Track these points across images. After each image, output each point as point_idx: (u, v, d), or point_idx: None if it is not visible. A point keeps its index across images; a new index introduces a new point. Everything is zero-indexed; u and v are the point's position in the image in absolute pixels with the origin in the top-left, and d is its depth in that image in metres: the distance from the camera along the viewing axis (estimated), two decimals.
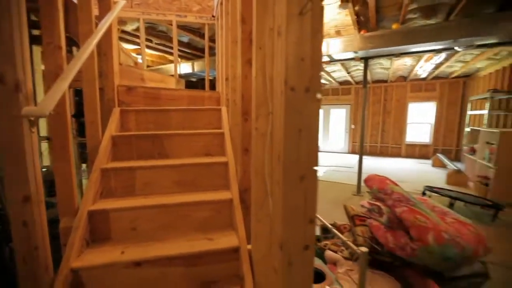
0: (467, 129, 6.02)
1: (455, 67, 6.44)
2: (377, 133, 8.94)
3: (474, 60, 5.50)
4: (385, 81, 8.54)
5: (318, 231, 2.43)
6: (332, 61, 4.20)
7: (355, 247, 1.00)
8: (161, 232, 1.37)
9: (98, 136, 1.68)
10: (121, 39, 4.36)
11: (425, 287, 1.29)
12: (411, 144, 8.56)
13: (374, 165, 7.18)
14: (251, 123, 1.45)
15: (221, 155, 1.83)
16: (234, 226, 1.40)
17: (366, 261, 0.95)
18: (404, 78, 8.07)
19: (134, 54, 5.07)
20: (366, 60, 4.09)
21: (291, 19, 0.72)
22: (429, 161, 7.57)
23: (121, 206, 1.36)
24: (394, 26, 3.36)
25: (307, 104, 0.76)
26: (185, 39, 4.54)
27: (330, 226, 1.48)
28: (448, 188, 4.42)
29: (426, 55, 5.04)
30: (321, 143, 9.97)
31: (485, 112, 5.19)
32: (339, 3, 2.84)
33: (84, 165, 2.81)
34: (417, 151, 8.47)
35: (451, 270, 1.36)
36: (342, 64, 6.08)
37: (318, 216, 1.59)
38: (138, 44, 4.72)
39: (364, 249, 0.95)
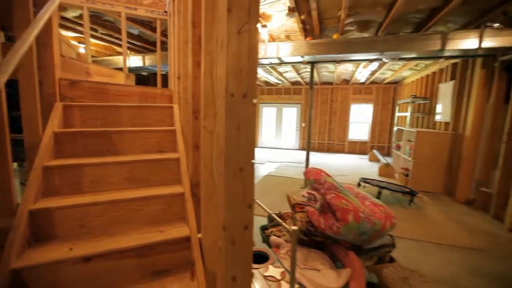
0: (395, 129, 6.99)
1: (387, 74, 7.41)
2: (324, 131, 9.73)
3: (401, 69, 6.41)
4: (331, 84, 9.32)
5: (266, 221, 2.66)
6: (282, 63, 4.49)
7: (288, 226, 1.20)
8: (113, 227, 1.40)
9: (38, 133, 1.60)
10: (61, 26, 3.98)
11: (347, 258, 1.58)
12: (353, 141, 9.54)
13: (321, 160, 7.84)
14: (201, 121, 1.56)
15: (173, 151, 1.90)
16: (186, 218, 1.50)
17: (296, 237, 1.15)
18: (347, 82, 8.92)
19: (75, 43, 4.66)
20: (312, 64, 4.48)
21: (231, 36, 0.87)
22: (367, 156, 8.56)
23: (67, 204, 1.35)
24: (335, 36, 3.77)
25: (244, 107, 0.92)
26: (135, 31, 4.35)
27: (273, 215, 1.68)
28: (379, 179, 5.12)
29: (363, 63, 5.71)
30: (274, 141, 10.42)
31: (407, 114, 6.12)
32: (287, 11, 3.09)
33: (15, 164, 2.55)
34: (358, 148, 9.48)
35: (367, 243, 1.69)
36: (293, 66, 6.50)
37: (264, 207, 1.78)
38: (79, 32, 4.36)
39: (294, 227, 1.15)
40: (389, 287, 1.45)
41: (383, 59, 3.96)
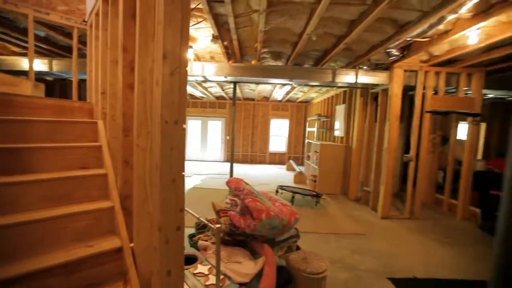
0: (306, 141, 8.18)
1: (299, 94, 8.65)
2: (247, 143, 10.41)
3: (309, 92, 7.64)
4: (253, 100, 10.16)
5: (193, 231, 2.83)
6: (207, 80, 4.79)
7: (212, 226, 1.46)
8: (36, 248, 1.36)
9: None
10: None
11: (263, 250, 1.95)
12: (273, 153, 10.53)
13: (245, 171, 8.38)
14: (132, 138, 1.68)
15: (98, 167, 1.91)
16: (117, 230, 1.58)
17: (219, 234, 1.43)
18: (267, 99, 9.91)
19: None
20: (235, 83, 4.94)
21: (165, 77, 1.11)
22: (285, 166, 9.59)
23: None
24: (253, 62, 4.34)
25: (176, 131, 1.16)
26: (41, 33, 3.90)
27: (202, 218, 1.91)
28: (294, 186, 5.91)
29: (278, 85, 6.59)
30: (200, 153, 10.48)
31: (315, 129, 7.31)
32: (212, 38, 3.43)
33: None
34: (277, 158, 10.51)
35: (278, 235, 2.11)
36: (217, 83, 6.88)
37: (192, 213, 1.99)
38: None
39: (217, 225, 1.42)
40: (293, 266, 1.88)
41: (293, 84, 4.75)
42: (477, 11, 2.54)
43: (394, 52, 3.60)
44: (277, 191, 4.97)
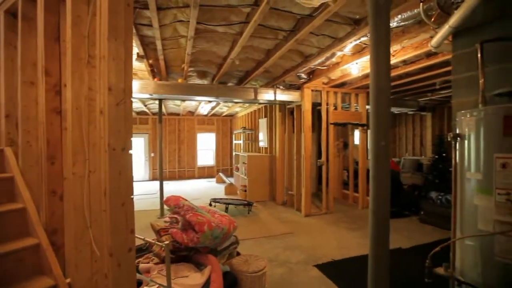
0: (234, 154, 8.54)
1: (224, 109, 9.01)
2: (174, 159, 10.06)
3: (233, 106, 8.08)
4: (178, 114, 9.96)
5: None
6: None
7: (160, 243, 1.51)
8: None
9: None
10: None
11: (207, 260, 2.07)
12: (202, 166, 10.49)
13: (174, 188, 8.07)
14: (60, 166, 1.58)
15: (11, 201, 1.67)
16: (46, 269, 1.44)
17: (169, 250, 1.50)
18: (192, 113, 9.89)
19: None
20: (160, 101, 4.87)
21: (111, 107, 1.18)
22: (214, 179, 9.69)
23: None
24: (180, 80, 4.42)
25: (123, 157, 1.23)
26: None
27: (149, 239, 1.90)
28: (225, 197, 6.10)
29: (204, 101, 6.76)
30: None
31: (241, 141, 7.76)
32: (137, 56, 3.38)
33: None
34: (206, 172, 10.51)
35: (219, 245, 2.27)
36: (140, 99, 6.54)
37: (137, 236, 1.95)
38: None
39: (167, 242, 1.49)
40: (237, 269, 2.07)
41: (219, 101, 5.03)
42: (355, 51, 3.39)
43: (303, 75, 4.34)
44: (210, 204, 5.06)
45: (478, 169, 1.38)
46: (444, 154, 5.10)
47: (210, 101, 5.15)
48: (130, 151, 1.26)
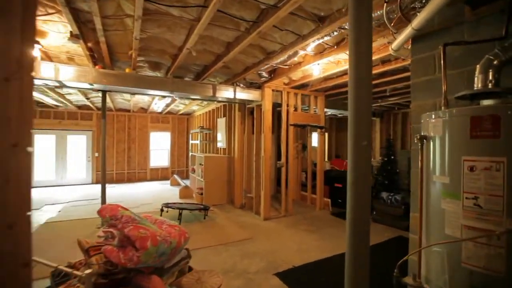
0: (191, 154, 8.05)
1: (180, 107, 8.46)
2: (123, 160, 9.12)
3: (190, 104, 7.61)
4: (129, 111, 9.06)
5: (48, 282, 2.14)
6: (64, 86, 3.87)
7: (79, 273, 1.15)
8: None
9: None
10: None
11: (151, 282, 1.72)
12: (155, 168, 9.71)
13: (122, 191, 7.26)
14: None
15: None
16: None
17: (90, 282, 1.14)
18: (145, 110, 9.08)
19: None
20: (104, 92, 4.24)
21: None
22: (169, 182, 9.04)
23: None
24: (128, 70, 3.88)
25: (14, 157, 0.85)
26: None
27: (60, 267, 1.48)
28: (180, 201, 5.64)
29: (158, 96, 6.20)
30: (55, 177, 8.24)
31: (198, 141, 7.33)
32: (69, 36, 2.81)
33: None
34: (160, 174, 9.76)
35: (167, 262, 1.93)
36: (80, 90, 5.69)
37: (46, 262, 1.50)
38: None
39: (88, 271, 1.14)
40: None
41: (174, 97, 4.60)
42: (317, 51, 3.34)
43: (264, 74, 4.18)
44: (162, 210, 4.58)
45: (444, 172, 1.34)
46: (392, 157, 5.44)
47: (164, 96, 4.68)
48: (30, 149, 0.88)
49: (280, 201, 5.15)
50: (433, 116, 1.43)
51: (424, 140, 1.44)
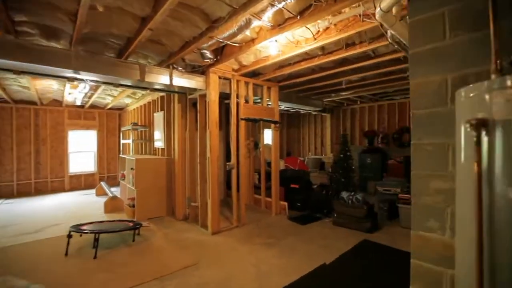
0: (120, 156, 6.65)
1: (108, 99, 6.93)
2: (29, 166, 7.11)
3: (120, 96, 6.22)
4: (35, 103, 7.09)
5: None
6: None
7: None
8: None
9: None
10: None
11: None
12: (76, 174, 7.89)
13: (24, 208, 5.48)
14: None
15: None
16: None
17: None
18: (59, 102, 7.23)
19: None
20: None
21: None
22: (94, 191, 7.40)
23: None
24: None
25: None
26: None
27: None
28: (102, 219, 4.39)
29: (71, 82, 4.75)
30: None
31: (130, 141, 6.03)
32: None
33: None
34: (83, 182, 7.98)
35: None
36: None
37: None
38: None
39: None
40: None
41: (84, 80, 3.39)
42: (275, 23, 2.66)
43: (208, 54, 3.33)
44: (70, 236, 3.34)
45: None
46: (348, 153, 5.18)
47: (66, 78, 3.41)
48: None
49: (231, 207, 4.37)
50: (492, 88, 0.84)
51: (483, 129, 0.84)
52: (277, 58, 3.43)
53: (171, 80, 3.57)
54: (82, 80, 3.50)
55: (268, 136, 6.46)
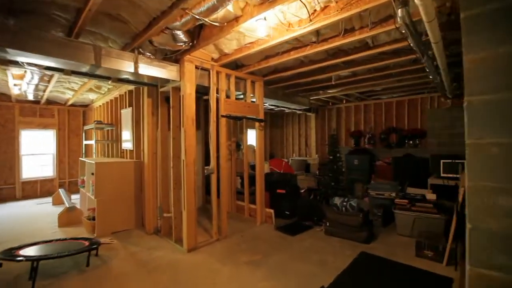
0: (80, 160, 5.80)
1: (68, 94, 6.04)
2: None
3: (81, 89, 5.40)
4: None
5: None
6: None
7: None
8: None
9: None
10: None
11: None
12: (30, 180, 6.86)
13: None
14: None
15: None
16: None
17: None
18: (7, 96, 6.22)
19: None
20: None
21: None
22: (51, 199, 6.45)
23: None
24: None
25: None
26: None
27: None
28: (51, 238, 3.64)
29: (13, 70, 3.93)
30: None
31: (93, 142, 5.24)
32: None
33: None
34: (39, 189, 6.97)
35: None
36: None
37: None
38: None
39: None
40: None
41: (21, 63, 2.67)
42: None
43: (182, 36, 2.75)
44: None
45: None
46: (338, 155, 4.80)
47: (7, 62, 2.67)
48: None
49: (211, 215, 3.79)
50: None
51: None
52: (264, 44, 2.93)
53: (136, 67, 2.94)
54: (17, 64, 2.76)
55: (251, 136, 5.96)
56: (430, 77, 3.88)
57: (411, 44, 2.51)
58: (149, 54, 3.10)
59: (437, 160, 4.06)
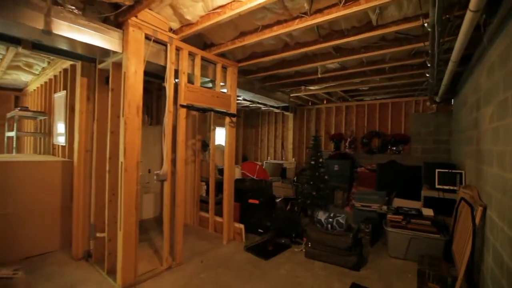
0: None
1: None
2: None
3: (2, 64, 4.18)
4: None
5: None
6: None
7: None
8: None
9: None
10: None
11: None
12: None
13: None
14: None
15: None
16: None
17: None
18: None
19: None
20: None
21: None
22: None
23: None
24: None
25: None
26: None
27: None
28: None
29: None
30: None
31: (13, 133, 4.05)
32: None
33: None
34: None
35: None
36: None
37: None
38: None
39: None
40: None
41: None
42: None
43: None
44: None
45: None
46: (321, 159, 4.17)
47: None
48: None
49: (162, 228, 2.89)
50: None
51: None
52: (239, 7, 2.15)
53: (48, 23, 1.98)
54: None
55: (221, 135, 5.12)
56: (427, 75, 3.40)
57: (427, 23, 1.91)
58: (74, 8, 2.15)
59: (432, 168, 3.58)
